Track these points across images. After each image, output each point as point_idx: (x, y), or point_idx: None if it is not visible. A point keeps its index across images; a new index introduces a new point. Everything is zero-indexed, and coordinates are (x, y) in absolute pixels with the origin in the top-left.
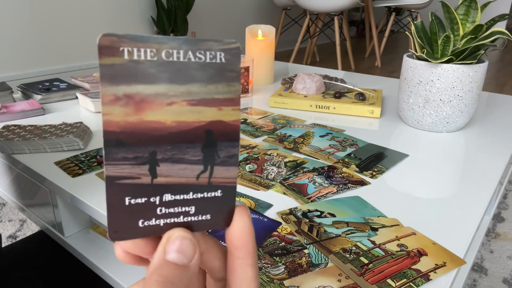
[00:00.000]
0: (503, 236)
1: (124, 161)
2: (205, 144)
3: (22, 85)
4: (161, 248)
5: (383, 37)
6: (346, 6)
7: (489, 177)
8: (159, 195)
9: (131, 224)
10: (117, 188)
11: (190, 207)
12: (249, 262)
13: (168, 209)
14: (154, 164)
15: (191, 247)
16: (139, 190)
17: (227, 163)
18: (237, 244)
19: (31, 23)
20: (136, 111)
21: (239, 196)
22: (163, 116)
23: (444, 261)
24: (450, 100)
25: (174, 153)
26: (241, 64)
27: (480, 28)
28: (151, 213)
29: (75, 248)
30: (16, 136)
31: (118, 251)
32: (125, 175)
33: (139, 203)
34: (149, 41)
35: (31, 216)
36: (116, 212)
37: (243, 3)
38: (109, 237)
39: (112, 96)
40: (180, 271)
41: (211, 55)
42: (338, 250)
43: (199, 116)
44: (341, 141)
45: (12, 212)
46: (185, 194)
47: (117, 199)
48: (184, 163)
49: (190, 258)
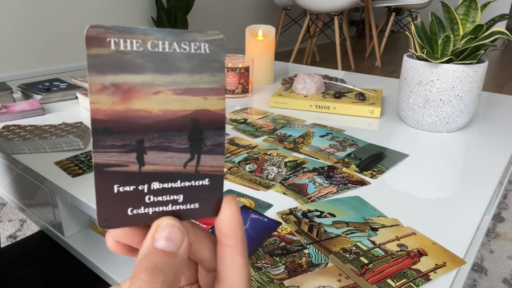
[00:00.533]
0: (503, 236)
1: (112, 149)
2: (191, 132)
3: (22, 85)
4: (150, 236)
5: (383, 37)
6: (346, 6)
7: (489, 177)
8: (147, 183)
9: (120, 212)
10: (106, 176)
11: (178, 196)
12: (238, 250)
13: (156, 197)
14: (141, 152)
15: (179, 235)
16: (127, 178)
17: (214, 152)
18: (225, 232)
19: (31, 23)
20: (123, 100)
21: (239, 196)
22: (149, 105)
23: (444, 261)
24: (450, 100)
25: (161, 141)
26: (241, 64)
27: (480, 28)
28: (139, 201)
29: (75, 248)
30: (16, 136)
31: (109, 240)
32: (113, 163)
33: (127, 191)
34: (135, 33)
35: (31, 216)
36: (105, 199)
37: (243, 3)
38: (98, 225)
39: (100, 85)
40: (168, 258)
41: (196, 46)
42: (338, 250)
43: (185, 105)
44: (341, 141)
45: (12, 212)
46: (173, 182)
47: (105, 187)
48: (171, 151)
49: (178, 245)
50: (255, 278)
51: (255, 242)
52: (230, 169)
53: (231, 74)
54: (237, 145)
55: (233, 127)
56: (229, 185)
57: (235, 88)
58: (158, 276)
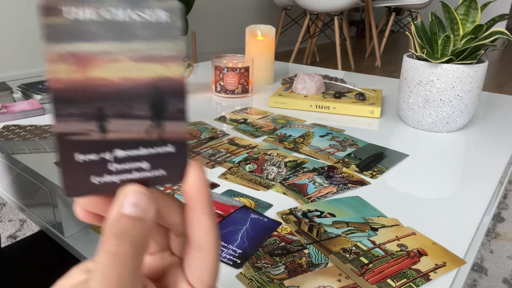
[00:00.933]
0: (503, 236)
1: (72, 117)
2: (152, 99)
3: (22, 85)
4: (117, 203)
5: (383, 37)
6: (346, 6)
7: (489, 177)
8: (110, 150)
9: (85, 181)
10: (68, 145)
11: (143, 163)
12: (205, 212)
13: (121, 165)
14: (102, 120)
15: (146, 200)
16: (89, 146)
17: (176, 118)
18: (192, 195)
19: (31, 23)
20: (80, 69)
21: (239, 196)
22: (108, 73)
23: (444, 261)
24: (450, 100)
25: (121, 108)
26: (241, 64)
27: (480, 28)
28: (104, 169)
29: (75, 248)
30: (16, 136)
31: (78, 209)
32: (74, 131)
33: (91, 160)
34: (89, 1)
35: (31, 216)
36: (68, 168)
37: (243, 3)
38: (64, 194)
39: (56, 55)
40: (136, 223)
41: (153, 13)
42: (338, 250)
43: (144, 73)
44: (341, 141)
45: (12, 212)
46: (137, 149)
47: (68, 156)
48: (132, 118)
49: (145, 210)
50: (255, 278)
51: (255, 242)
52: (230, 169)
53: (231, 74)
54: (237, 145)
55: (233, 127)
56: (229, 185)
57: (235, 88)
58: (126, 240)
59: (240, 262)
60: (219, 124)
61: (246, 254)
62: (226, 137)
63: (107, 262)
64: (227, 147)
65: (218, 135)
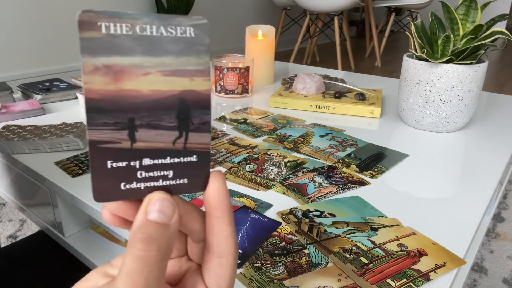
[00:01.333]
0: (503, 236)
1: (105, 126)
2: (179, 111)
3: (22, 85)
4: (143, 209)
5: (383, 37)
6: (346, 6)
7: (489, 177)
8: (139, 159)
9: (114, 187)
10: (100, 152)
11: (168, 171)
12: (226, 220)
13: (147, 173)
14: (133, 130)
15: (170, 207)
16: (120, 154)
17: (200, 130)
18: (214, 204)
19: (31, 23)
20: (114, 80)
21: (239, 196)
22: (139, 85)
23: (444, 261)
24: (450, 100)
25: (150, 119)
26: (241, 64)
27: (480, 28)
28: (132, 176)
29: (75, 248)
30: (16, 136)
31: (105, 213)
32: (106, 140)
33: (120, 167)
34: (124, 17)
35: (31, 216)
36: (99, 174)
37: (243, 3)
38: (93, 198)
39: (92, 67)
40: (161, 229)
41: (182, 30)
42: (338, 250)
43: (172, 86)
44: (341, 141)
45: (12, 212)
46: (163, 158)
47: (100, 163)
48: (160, 129)
49: (170, 217)
50: (255, 278)
51: (255, 242)
52: (230, 169)
53: (231, 74)
54: (237, 145)
55: (233, 127)
56: (229, 185)
57: (235, 88)
58: (152, 245)
59: (240, 262)
60: (219, 124)
61: (246, 254)
62: (226, 137)
63: (135, 266)
64: (227, 147)
65: (218, 135)
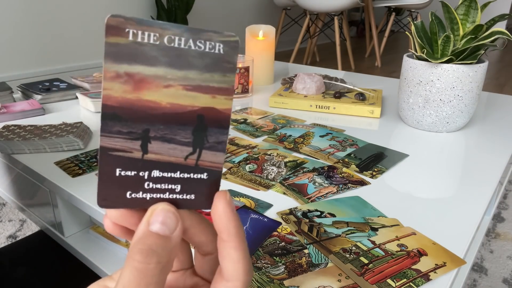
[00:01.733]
0: (503, 236)
1: (118, 134)
2: (196, 128)
3: (22, 85)
4: (146, 220)
5: (383, 37)
6: (346, 6)
7: (489, 177)
8: (148, 170)
9: (119, 194)
10: (110, 159)
11: (176, 185)
12: (232, 245)
13: (155, 184)
14: (146, 141)
15: (173, 220)
16: (129, 163)
17: (215, 149)
18: (218, 227)
19: (31, 23)
20: (134, 89)
21: (239, 196)
22: (159, 97)
23: (444, 261)
24: (450, 100)
25: (166, 132)
26: (241, 64)
27: (480, 28)
28: (139, 186)
29: (75, 248)
30: (16, 136)
31: (106, 221)
32: (118, 148)
33: (128, 176)
34: (153, 26)
35: (31, 216)
36: (106, 181)
37: (243, 3)
38: (97, 204)
39: (114, 73)
40: (162, 241)
41: (211, 45)
42: (338, 250)
43: (193, 101)
44: (341, 141)
45: (12, 212)
46: (173, 172)
47: (108, 169)
48: (174, 143)
49: (172, 230)
50: (255, 278)
51: (255, 242)
52: (230, 169)
53: None
54: (237, 145)
55: (233, 127)
56: (229, 185)
57: (235, 88)
58: (152, 258)
59: None
60: None
61: None
62: None
63: (132, 279)
64: (227, 147)
65: None
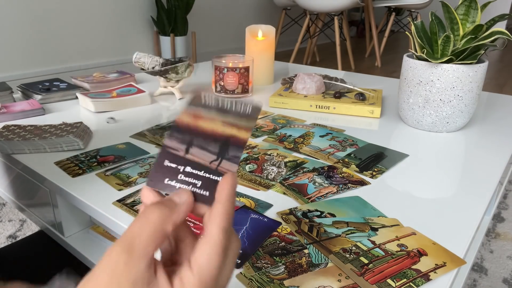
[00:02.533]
0: (503, 236)
1: (176, 139)
2: (222, 144)
3: (22, 85)
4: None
5: (383, 37)
6: (346, 6)
7: (489, 177)
8: (184, 165)
9: (161, 179)
10: (165, 152)
11: (198, 181)
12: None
13: (185, 177)
14: (189, 146)
15: None
16: (175, 158)
17: (232, 160)
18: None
19: (31, 23)
20: (194, 120)
21: (239, 196)
22: (206, 125)
23: (444, 261)
24: (450, 100)
25: (202, 143)
26: (241, 64)
27: (480, 28)
28: (175, 175)
29: (75, 248)
30: (16, 136)
31: (145, 190)
32: (172, 146)
33: (171, 167)
34: (218, 99)
35: (31, 216)
36: (157, 167)
37: (243, 3)
38: (146, 183)
39: (188, 111)
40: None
41: (244, 108)
42: (338, 250)
43: (225, 130)
44: (341, 141)
45: (12, 212)
46: (199, 170)
47: (162, 159)
48: (206, 151)
49: None
50: (255, 278)
51: (255, 242)
52: None
53: (231, 74)
54: None
55: None
56: None
57: (235, 88)
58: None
59: (240, 262)
60: None
61: (246, 254)
62: None
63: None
64: None
65: None
